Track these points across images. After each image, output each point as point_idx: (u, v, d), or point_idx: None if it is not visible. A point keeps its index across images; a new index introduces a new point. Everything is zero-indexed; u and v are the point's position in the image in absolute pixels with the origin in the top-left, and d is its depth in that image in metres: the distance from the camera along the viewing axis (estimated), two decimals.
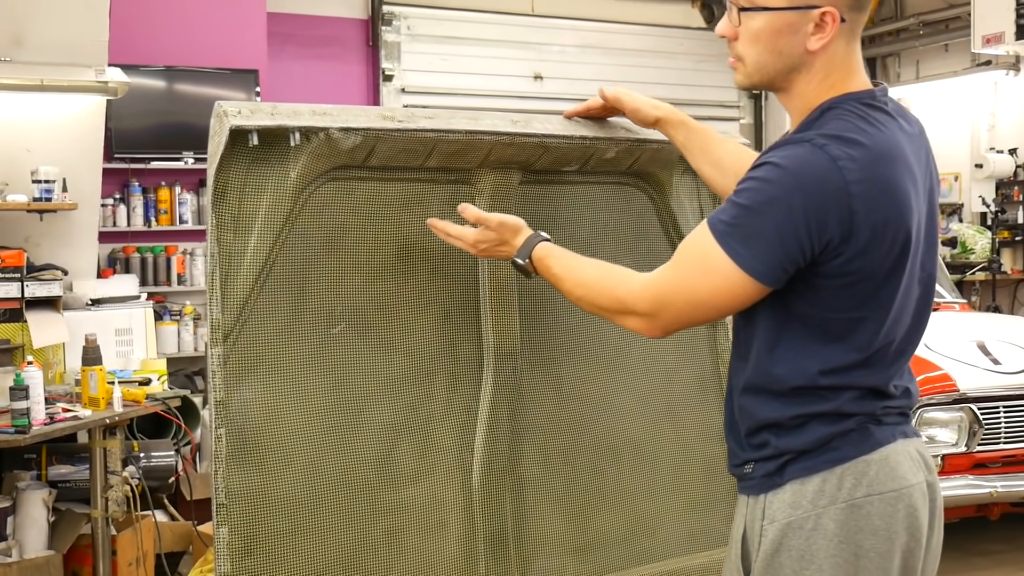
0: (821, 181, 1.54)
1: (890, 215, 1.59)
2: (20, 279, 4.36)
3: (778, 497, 1.67)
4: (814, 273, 1.60)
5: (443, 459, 2.21)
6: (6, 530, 3.95)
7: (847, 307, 1.62)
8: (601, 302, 1.77)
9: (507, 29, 8.81)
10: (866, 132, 1.60)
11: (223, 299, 1.92)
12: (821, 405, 1.65)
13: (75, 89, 4.57)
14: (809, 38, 1.64)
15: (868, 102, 1.65)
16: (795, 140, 1.60)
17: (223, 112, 1.83)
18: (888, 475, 1.65)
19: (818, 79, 1.67)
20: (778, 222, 1.56)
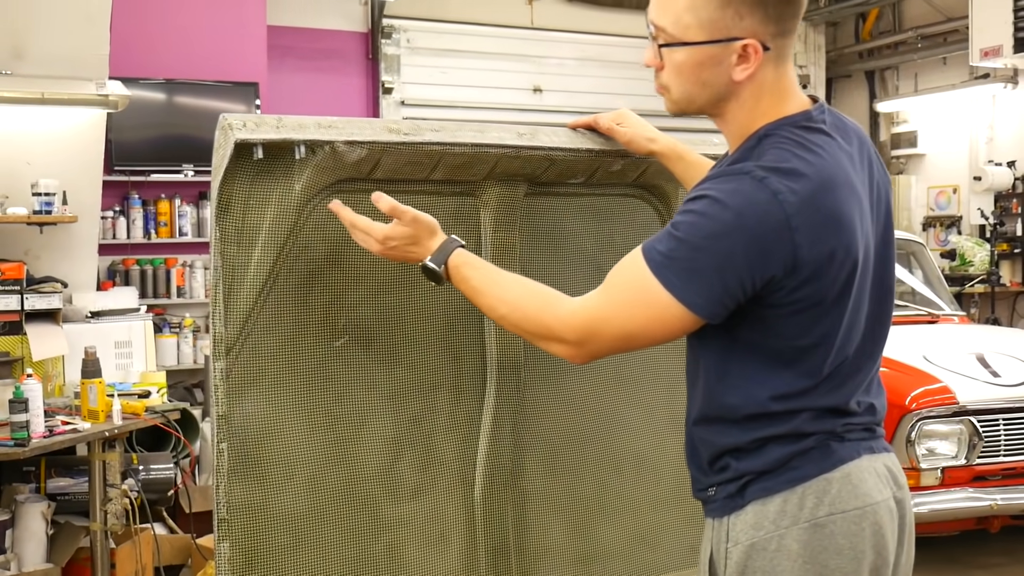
0: (762, 217, 1.51)
1: (835, 245, 1.56)
2: (20, 292, 4.36)
3: (741, 519, 1.65)
4: (759, 304, 1.58)
5: (445, 472, 2.20)
6: (5, 543, 3.93)
7: (794, 335, 1.60)
8: (525, 325, 1.71)
9: (506, 42, 8.84)
10: (805, 160, 1.55)
11: (226, 312, 1.91)
12: (778, 428, 1.63)
13: (76, 102, 4.58)
14: (733, 69, 1.61)
15: (805, 125, 1.61)
16: (734, 172, 1.56)
17: (228, 125, 1.83)
18: (851, 493, 1.62)
19: (749, 106, 1.65)
20: (718, 260, 1.53)
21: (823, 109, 1.67)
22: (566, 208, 2.25)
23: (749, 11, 1.57)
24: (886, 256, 1.72)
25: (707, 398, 1.69)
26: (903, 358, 4.76)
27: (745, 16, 1.58)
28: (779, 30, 1.60)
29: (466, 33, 8.72)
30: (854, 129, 1.72)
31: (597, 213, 2.31)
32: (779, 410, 1.62)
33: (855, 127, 1.73)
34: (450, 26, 8.71)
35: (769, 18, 1.58)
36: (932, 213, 9.76)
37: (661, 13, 1.64)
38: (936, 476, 4.41)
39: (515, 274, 1.79)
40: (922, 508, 4.33)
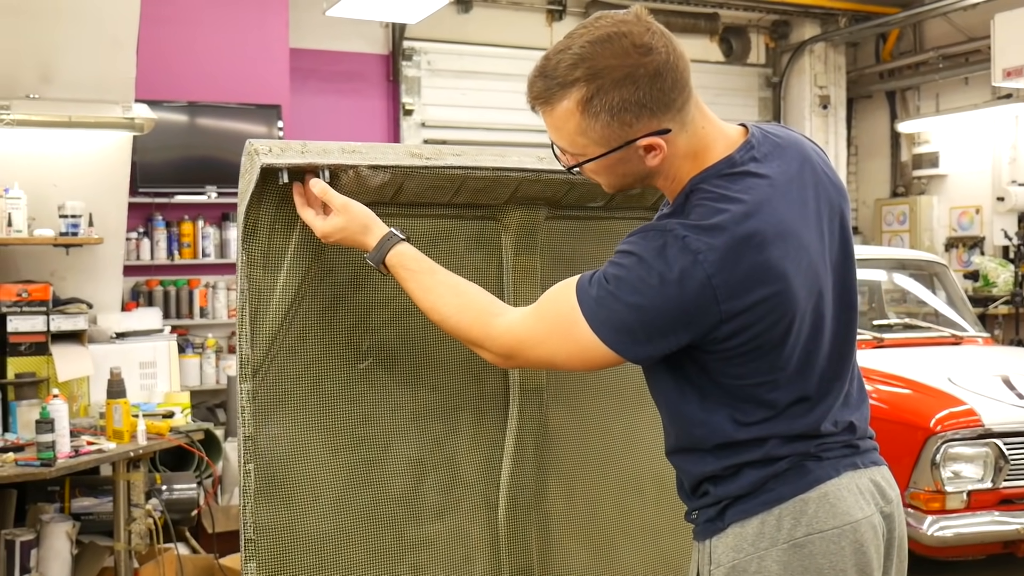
0: (682, 280, 1.53)
1: (764, 293, 1.56)
2: (46, 312, 4.40)
3: (722, 541, 1.67)
4: (696, 350, 1.60)
5: (469, 494, 2.21)
6: (30, 562, 3.96)
7: (738, 375, 1.62)
8: (457, 333, 1.78)
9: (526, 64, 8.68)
10: (728, 212, 1.55)
11: (252, 335, 1.93)
12: (750, 454, 1.65)
13: (102, 125, 4.63)
14: (645, 158, 1.62)
15: (727, 172, 1.61)
16: (660, 228, 1.58)
17: (254, 150, 1.85)
18: (828, 512, 1.63)
19: (673, 174, 1.66)
20: (643, 319, 1.57)
21: (750, 144, 1.65)
22: (586, 231, 2.26)
23: (635, 118, 1.58)
24: (845, 275, 1.72)
25: (677, 431, 1.72)
26: (927, 380, 4.73)
27: (632, 123, 1.58)
28: (670, 111, 1.59)
29: (486, 55, 8.77)
30: (795, 150, 1.70)
31: (617, 237, 2.29)
32: (746, 438, 1.64)
33: (797, 147, 1.70)
34: (470, 48, 8.76)
35: (656, 112, 1.58)
36: (955, 234, 9.71)
37: (557, 137, 1.67)
38: (961, 499, 4.37)
39: (452, 277, 1.81)
40: (947, 532, 4.29)
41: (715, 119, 1.68)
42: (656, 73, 1.56)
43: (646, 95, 1.56)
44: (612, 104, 1.56)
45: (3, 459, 3.74)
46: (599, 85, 1.56)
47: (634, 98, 1.56)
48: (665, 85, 1.57)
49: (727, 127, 1.70)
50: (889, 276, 6.07)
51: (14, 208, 4.43)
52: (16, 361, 4.32)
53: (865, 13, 9.67)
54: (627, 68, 1.55)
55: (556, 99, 1.61)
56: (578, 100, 1.58)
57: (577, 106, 1.58)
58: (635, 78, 1.55)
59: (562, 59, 1.59)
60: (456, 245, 2.11)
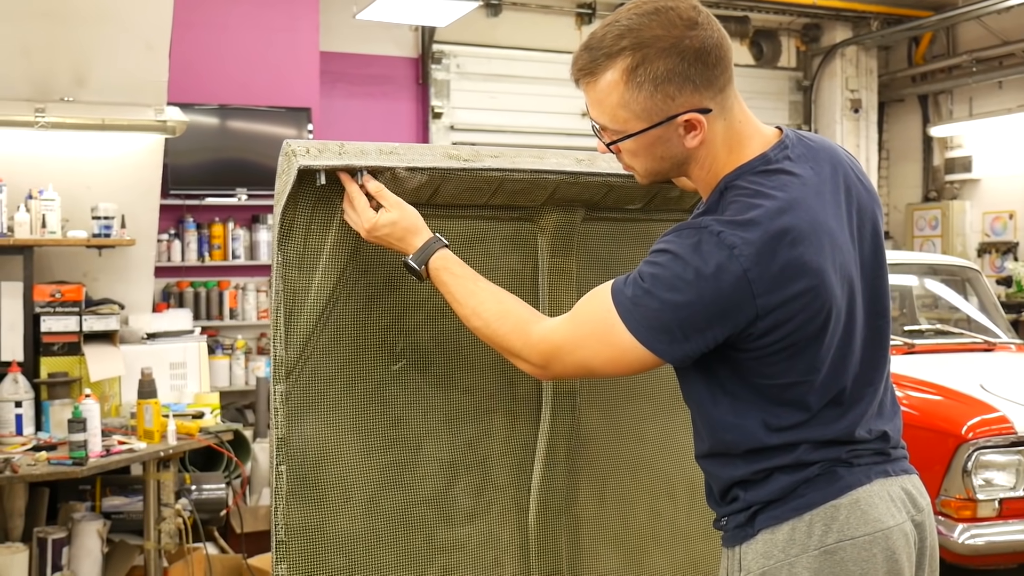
0: (718, 275, 1.53)
1: (799, 289, 1.55)
2: (79, 313, 4.44)
3: (751, 547, 1.65)
4: (731, 349, 1.60)
5: (500, 497, 2.20)
6: (61, 560, 3.99)
7: (773, 374, 1.60)
8: (495, 340, 1.78)
9: (555, 67, 8.85)
10: (763, 208, 1.55)
11: (286, 336, 1.93)
12: (781, 459, 1.63)
13: (135, 128, 4.66)
14: (684, 139, 1.63)
15: (762, 169, 1.61)
16: (694, 226, 1.58)
17: (291, 151, 1.85)
18: (860, 519, 1.61)
19: (708, 164, 1.66)
20: (680, 315, 1.56)
21: (784, 144, 1.66)
22: (623, 234, 2.25)
23: (678, 90, 1.59)
24: (877, 280, 1.71)
25: (708, 436, 1.71)
26: (959, 386, 4.67)
27: (676, 95, 1.60)
28: (714, 90, 1.61)
29: (515, 58, 8.77)
30: (827, 154, 1.70)
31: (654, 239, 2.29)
32: (777, 443, 1.63)
33: (829, 151, 1.71)
34: (499, 51, 8.77)
35: (699, 87, 1.60)
36: (987, 239, 9.61)
37: (598, 113, 1.67)
38: (993, 507, 4.31)
39: (493, 286, 1.82)
40: (979, 540, 4.24)
41: (752, 116, 1.69)
42: (701, 48, 1.58)
43: (690, 68, 1.58)
44: (656, 74, 1.58)
45: (36, 458, 3.77)
46: (644, 55, 1.58)
47: (678, 69, 1.57)
48: (709, 61, 1.59)
49: (763, 126, 1.70)
50: (920, 281, 6.01)
51: (48, 210, 4.47)
52: (49, 361, 4.36)
53: (897, 16, 9.60)
54: (673, 39, 1.57)
55: (601, 69, 1.62)
56: (623, 69, 1.59)
57: (622, 76, 1.60)
58: (680, 50, 1.57)
59: (609, 31, 1.61)
60: (492, 247, 2.10)
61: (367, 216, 1.86)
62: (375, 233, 1.87)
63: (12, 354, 4.34)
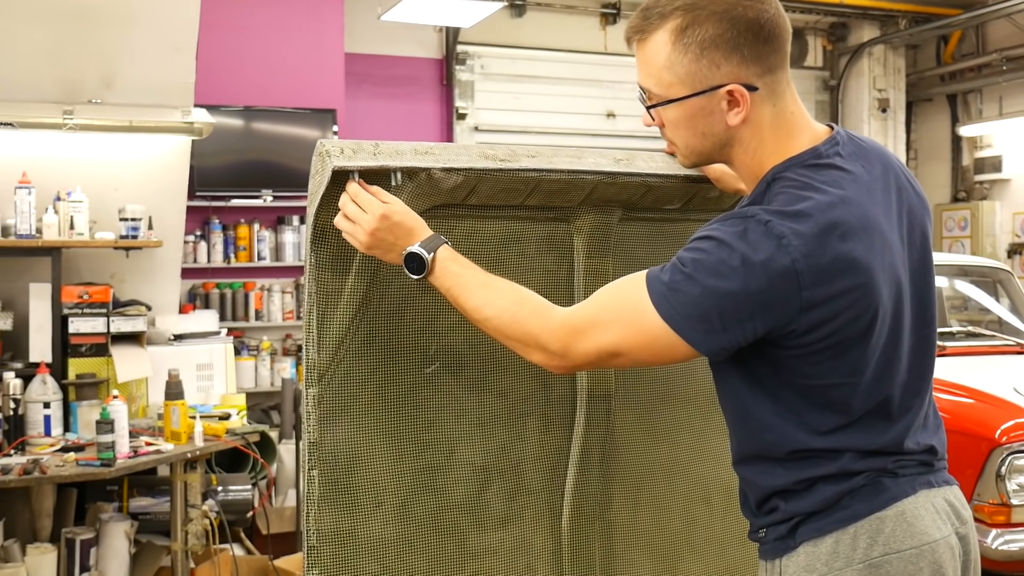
0: (766, 263, 1.47)
1: (848, 285, 1.50)
2: (106, 314, 4.45)
3: (792, 560, 1.60)
4: (771, 345, 1.54)
5: (533, 502, 2.17)
6: (89, 561, 4.00)
7: (815, 374, 1.55)
8: (508, 330, 1.68)
9: (580, 67, 8.85)
10: (813, 200, 1.51)
11: (319, 339, 1.91)
12: (825, 467, 1.58)
13: (162, 130, 4.67)
14: (726, 115, 1.60)
15: (812, 163, 1.57)
16: (740, 215, 1.54)
17: (325, 152, 1.82)
18: (906, 531, 1.56)
19: (753, 147, 1.62)
20: (721, 303, 1.49)
21: (836, 140, 1.62)
22: (660, 234, 2.21)
23: (724, 58, 1.57)
24: (924, 287, 1.66)
25: (747, 437, 1.65)
26: (991, 389, 4.61)
27: (721, 63, 1.57)
28: (762, 68, 1.58)
29: (539, 59, 8.75)
30: (878, 155, 1.66)
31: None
32: (820, 447, 1.57)
33: (880, 152, 1.68)
34: (523, 52, 8.75)
35: (747, 60, 1.57)
36: (1018, 239, 9.49)
37: (645, 75, 1.64)
38: None
39: (504, 279, 1.74)
40: (1012, 546, 4.18)
41: (805, 111, 1.65)
42: (755, 22, 1.55)
43: (740, 37, 1.55)
44: (704, 37, 1.56)
45: (64, 459, 3.78)
46: (695, 16, 1.56)
47: (728, 36, 1.55)
48: (761, 35, 1.56)
49: (814, 122, 1.66)
50: (951, 283, 5.94)
51: (76, 211, 4.48)
52: (77, 362, 4.38)
53: (926, 15, 9.50)
54: (727, 4, 1.55)
55: (652, 29, 1.60)
56: (672, 29, 1.58)
57: (670, 36, 1.58)
58: (733, 17, 1.55)
59: None
60: (527, 247, 2.07)
61: (375, 207, 1.77)
62: (385, 222, 1.76)
63: (41, 355, 4.35)
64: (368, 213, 1.78)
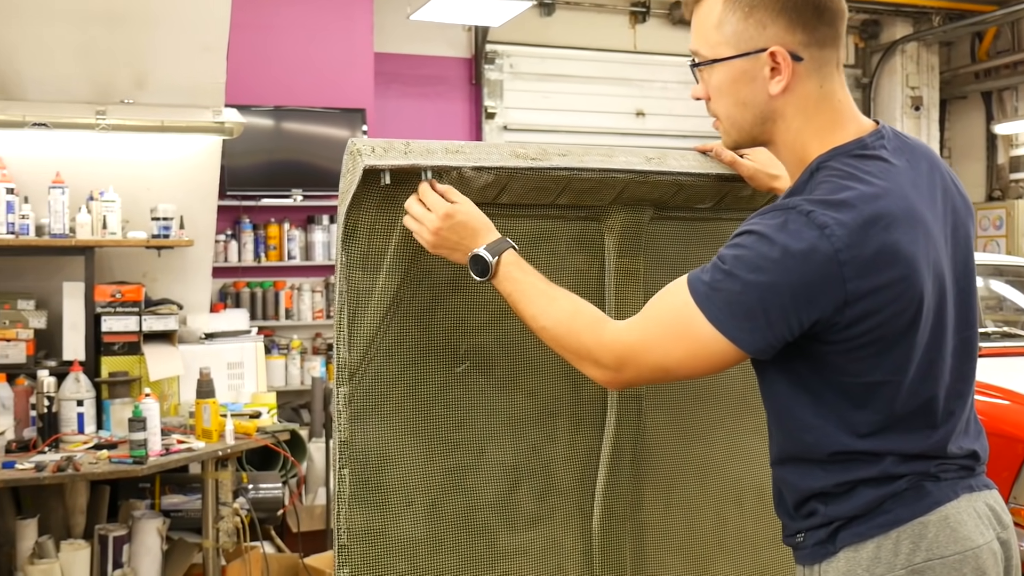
0: (809, 254, 1.44)
1: (891, 278, 1.47)
2: (139, 313, 4.49)
3: (832, 566, 1.57)
4: (814, 340, 1.51)
5: (563, 502, 2.16)
6: (122, 558, 4.04)
7: (858, 372, 1.52)
8: (564, 341, 1.67)
9: (609, 66, 8.82)
10: (857, 191, 1.48)
11: (350, 338, 1.91)
12: (866, 470, 1.55)
13: (193, 130, 4.70)
14: (768, 83, 1.58)
15: (858, 153, 1.55)
16: (782, 207, 1.51)
17: (356, 150, 1.82)
18: (950, 537, 1.53)
19: (796, 127, 1.60)
20: (763, 296, 1.47)
21: (881, 134, 1.60)
22: (692, 234, 2.19)
23: (772, 19, 1.55)
24: (967, 287, 1.63)
25: (787, 436, 1.62)
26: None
27: (768, 25, 1.56)
28: (810, 39, 1.56)
29: (568, 58, 8.72)
30: (924, 152, 1.64)
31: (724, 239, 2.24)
32: (861, 449, 1.54)
33: (926, 150, 1.65)
34: (552, 51, 8.73)
35: (795, 25, 1.55)
36: None
37: (696, 38, 1.64)
38: None
39: (564, 289, 1.73)
40: None
41: (853, 104, 1.63)
42: None
43: (790, 2, 1.55)
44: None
45: (97, 456, 3.81)
46: None
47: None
48: (812, 4, 1.55)
49: (861, 116, 1.64)
50: (986, 283, 5.86)
51: (109, 211, 4.52)
52: (110, 360, 4.42)
53: (960, 11, 9.39)
54: None
55: None
56: None
57: None
58: None
59: None
60: (557, 246, 2.06)
61: (439, 206, 1.78)
62: (448, 222, 1.77)
63: (74, 353, 4.40)
64: (433, 212, 1.79)
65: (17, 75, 4.40)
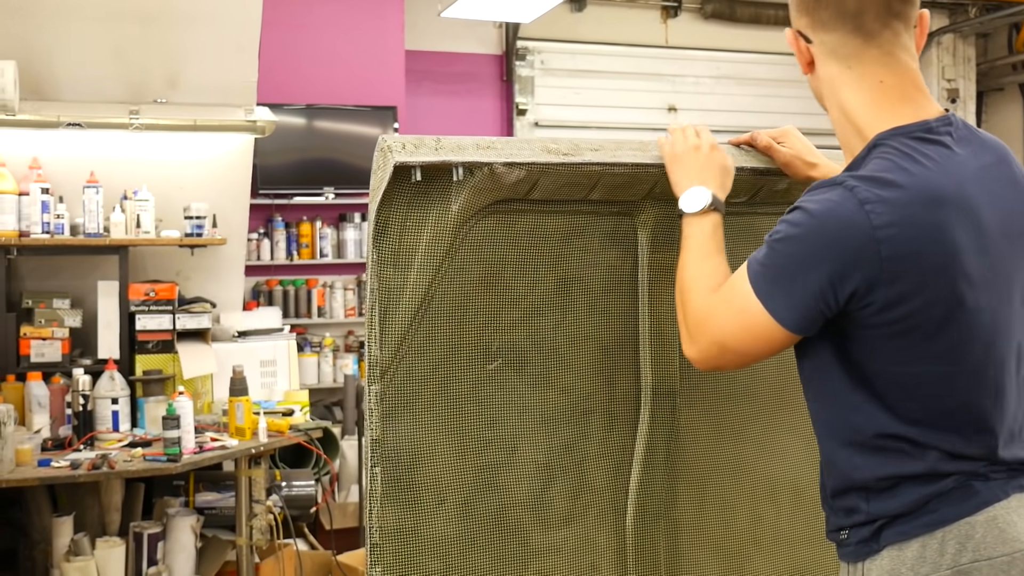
0: (845, 228, 1.46)
1: (930, 262, 1.46)
2: (172, 311, 4.52)
3: (876, 564, 1.54)
4: (851, 322, 1.51)
5: (597, 500, 2.14)
6: (156, 555, 4.06)
7: (902, 360, 1.50)
8: (679, 298, 1.73)
9: (640, 62, 8.76)
10: (907, 171, 1.48)
11: (381, 335, 1.90)
12: (911, 464, 1.52)
13: (226, 128, 4.72)
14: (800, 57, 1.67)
15: (920, 136, 1.53)
16: (830, 183, 1.53)
17: (387, 147, 1.81)
18: (997, 538, 1.49)
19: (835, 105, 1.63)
20: (801, 269, 1.50)
21: (949, 121, 1.58)
22: (727, 228, 2.12)
23: (791, 4, 1.65)
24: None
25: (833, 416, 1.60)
26: None
27: (791, 9, 1.66)
28: (813, 22, 1.61)
29: (600, 53, 8.68)
30: (994, 147, 1.61)
31: (759, 233, 2.20)
32: (907, 435, 1.52)
33: (996, 144, 1.62)
34: (584, 47, 8.68)
35: (800, 10, 1.63)
36: None
37: None
38: None
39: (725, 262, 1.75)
40: None
41: (917, 88, 1.61)
42: None
43: None
44: None
45: (132, 454, 3.84)
46: None
47: None
48: None
49: (932, 102, 1.61)
50: None
51: (142, 210, 4.55)
52: (144, 358, 4.45)
53: (996, 3, 9.25)
54: None
55: None
56: None
57: None
58: None
59: None
60: (590, 242, 2.04)
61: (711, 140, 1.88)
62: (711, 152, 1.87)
63: (109, 352, 4.43)
64: (702, 139, 1.88)
65: (52, 76, 4.44)
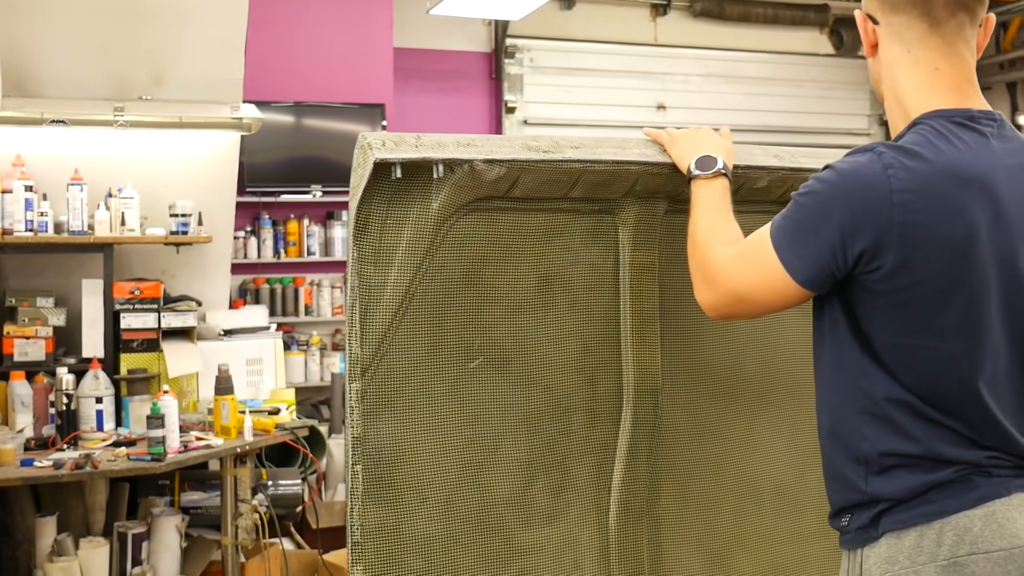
0: (864, 185, 1.51)
1: (942, 235, 1.49)
2: (157, 310, 4.49)
3: (874, 551, 1.56)
4: (858, 286, 1.54)
5: (579, 498, 2.14)
6: (141, 555, 4.04)
7: (899, 332, 1.53)
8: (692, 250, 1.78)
9: (629, 60, 8.76)
10: (936, 148, 1.53)
11: (362, 333, 1.89)
12: (911, 444, 1.53)
13: (211, 126, 4.69)
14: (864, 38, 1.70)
15: (959, 121, 1.57)
16: (862, 148, 1.59)
17: (367, 144, 1.80)
18: (996, 532, 1.50)
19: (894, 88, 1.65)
20: (818, 222, 1.54)
21: (994, 117, 1.60)
22: None
23: None
24: None
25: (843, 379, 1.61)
26: None
27: None
28: (883, 5, 1.65)
29: (589, 51, 8.67)
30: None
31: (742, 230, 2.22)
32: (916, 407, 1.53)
33: None
34: (573, 45, 8.68)
35: None
36: None
37: None
38: None
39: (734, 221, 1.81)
40: None
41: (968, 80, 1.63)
42: None
43: None
44: None
45: (116, 453, 3.82)
46: None
47: None
48: None
49: (980, 97, 1.64)
50: None
51: (127, 208, 4.52)
52: (129, 357, 4.42)
53: None
54: None
55: None
56: None
57: None
58: None
59: None
60: (572, 240, 2.04)
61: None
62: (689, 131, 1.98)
63: (93, 351, 4.40)
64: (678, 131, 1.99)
65: (35, 72, 4.41)
